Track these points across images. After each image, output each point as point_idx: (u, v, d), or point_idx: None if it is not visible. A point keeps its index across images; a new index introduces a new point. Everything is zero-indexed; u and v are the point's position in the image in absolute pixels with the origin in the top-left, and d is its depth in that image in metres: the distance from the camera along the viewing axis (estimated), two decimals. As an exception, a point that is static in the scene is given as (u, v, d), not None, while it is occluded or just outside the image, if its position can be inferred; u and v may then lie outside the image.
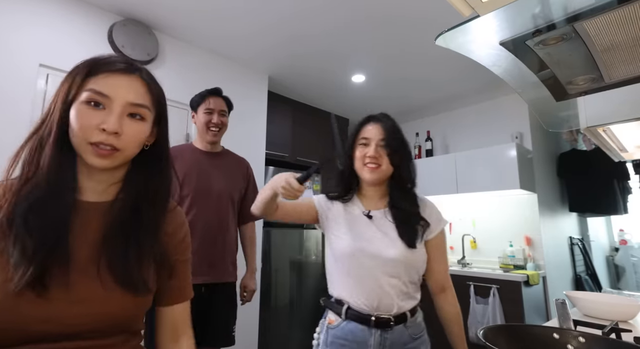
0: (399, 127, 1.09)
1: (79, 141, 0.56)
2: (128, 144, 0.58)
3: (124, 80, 0.58)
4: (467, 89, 3.15)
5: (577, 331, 0.84)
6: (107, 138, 0.55)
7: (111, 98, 0.56)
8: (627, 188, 3.22)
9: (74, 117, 0.56)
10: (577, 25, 0.61)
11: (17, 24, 1.78)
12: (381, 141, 1.04)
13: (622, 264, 3.76)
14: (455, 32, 0.66)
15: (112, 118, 0.56)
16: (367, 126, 1.08)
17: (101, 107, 0.56)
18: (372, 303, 0.95)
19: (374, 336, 0.94)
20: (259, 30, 2.29)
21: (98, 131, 0.55)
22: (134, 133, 0.59)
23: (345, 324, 0.97)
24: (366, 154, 1.03)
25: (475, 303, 2.61)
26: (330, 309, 1.03)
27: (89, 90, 0.56)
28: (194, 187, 1.51)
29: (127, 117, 0.58)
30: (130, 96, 0.58)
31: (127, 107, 0.58)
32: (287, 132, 3.20)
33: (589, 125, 1.07)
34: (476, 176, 2.99)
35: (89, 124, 0.55)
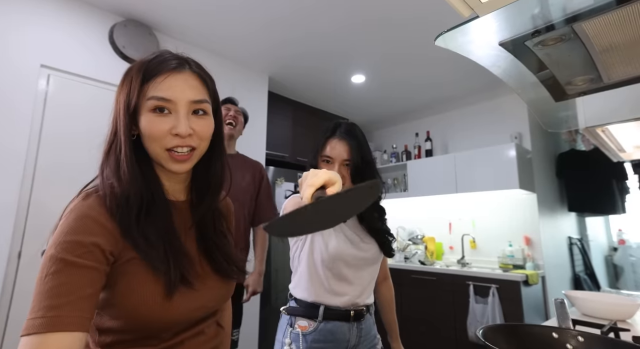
0: (365, 143, 1.06)
1: (155, 149, 0.58)
2: (202, 141, 0.60)
3: (179, 80, 0.59)
4: (466, 90, 3.16)
5: (576, 330, 0.85)
6: (184, 141, 0.58)
7: (174, 101, 0.57)
8: (626, 188, 3.23)
9: (145, 127, 0.57)
10: (576, 26, 0.61)
11: (18, 24, 1.78)
12: (345, 162, 1.01)
13: (620, 263, 3.77)
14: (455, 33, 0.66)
15: (182, 121, 0.57)
16: (332, 140, 1.04)
17: (166, 111, 0.57)
18: (352, 301, 1.00)
19: (351, 329, 0.99)
20: (259, 31, 2.29)
21: (171, 137, 0.57)
22: (204, 129, 0.60)
23: (323, 326, 0.97)
24: None
25: (475, 303, 2.62)
26: (301, 315, 1.00)
27: (151, 98, 0.57)
28: None
29: (192, 115, 0.59)
30: (190, 94, 0.59)
31: (190, 105, 0.59)
32: (287, 132, 3.21)
33: (587, 125, 1.07)
34: (476, 176, 3.00)
35: (161, 131, 0.57)
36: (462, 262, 3.13)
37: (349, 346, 0.99)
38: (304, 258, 1.04)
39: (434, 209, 3.62)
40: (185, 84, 0.59)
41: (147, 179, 0.59)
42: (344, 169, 1.01)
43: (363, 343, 1.02)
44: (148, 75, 0.58)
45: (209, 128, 0.62)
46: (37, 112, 1.80)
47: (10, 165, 1.70)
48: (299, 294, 1.03)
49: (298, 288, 1.04)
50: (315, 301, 0.99)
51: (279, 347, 1.02)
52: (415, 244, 3.43)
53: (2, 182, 1.67)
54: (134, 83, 0.57)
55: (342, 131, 1.05)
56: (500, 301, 2.52)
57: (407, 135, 3.91)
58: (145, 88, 0.57)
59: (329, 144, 1.04)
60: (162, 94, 0.57)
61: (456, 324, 2.70)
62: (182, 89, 0.58)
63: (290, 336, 0.99)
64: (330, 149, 1.03)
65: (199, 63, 0.64)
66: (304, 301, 1.01)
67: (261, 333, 2.51)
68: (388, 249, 1.09)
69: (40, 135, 1.80)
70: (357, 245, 1.03)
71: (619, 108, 0.98)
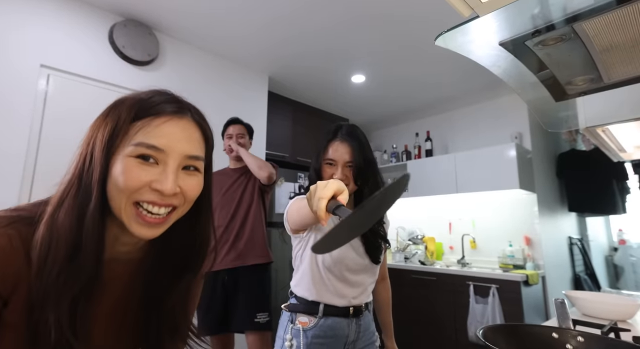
0: (366, 144, 1.06)
1: (121, 202, 0.46)
2: (186, 202, 0.51)
3: (177, 128, 0.49)
4: (466, 89, 3.15)
5: (576, 330, 0.85)
6: (164, 199, 0.48)
7: (166, 152, 0.48)
8: (626, 188, 3.23)
9: (118, 174, 0.46)
10: (576, 26, 0.61)
11: (18, 24, 1.78)
12: (348, 163, 1.02)
13: (621, 263, 3.77)
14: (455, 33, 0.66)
15: (169, 177, 0.47)
16: (334, 143, 1.04)
17: (151, 161, 0.47)
18: (352, 301, 1.04)
19: (350, 325, 1.03)
20: (259, 31, 2.29)
21: (149, 190, 0.47)
22: (192, 188, 0.51)
23: (323, 322, 1.00)
24: (332, 175, 1.02)
25: (475, 303, 2.62)
26: (302, 311, 1.03)
27: (138, 144, 0.46)
28: (220, 197, 1.86)
29: (182, 171, 0.50)
30: (186, 148, 0.50)
31: (183, 160, 0.49)
32: (287, 132, 3.21)
33: (588, 125, 1.07)
34: (476, 176, 2.99)
35: (139, 182, 0.46)
36: (462, 262, 3.13)
37: (348, 341, 1.03)
38: (305, 259, 1.06)
39: (434, 209, 3.62)
40: (182, 134, 0.50)
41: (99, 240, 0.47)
42: (346, 171, 1.02)
43: (362, 339, 1.05)
44: (141, 114, 0.48)
45: (198, 188, 0.52)
46: (36, 113, 1.80)
47: (10, 166, 1.70)
48: (300, 292, 1.05)
49: (299, 286, 1.06)
50: (315, 299, 1.02)
51: (280, 343, 1.03)
52: (415, 244, 3.43)
53: (1, 184, 1.67)
54: (120, 122, 0.47)
55: (343, 133, 1.05)
56: (500, 301, 2.52)
57: (407, 135, 3.90)
58: (133, 127, 0.48)
59: (331, 147, 1.04)
60: (154, 142, 0.47)
61: (456, 325, 2.70)
62: (178, 138, 0.49)
63: (291, 332, 1.01)
64: (333, 151, 1.03)
65: (200, 111, 0.55)
66: (305, 299, 1.03)
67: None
68: (375, 254, 1.07)
69: (40, 136, 1.80)
70: (358, 250, 1.06)
71: (620, 108, 0.98)
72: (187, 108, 0.53)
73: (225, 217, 1.81)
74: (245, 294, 1.73)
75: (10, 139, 1.70)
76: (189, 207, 0.53)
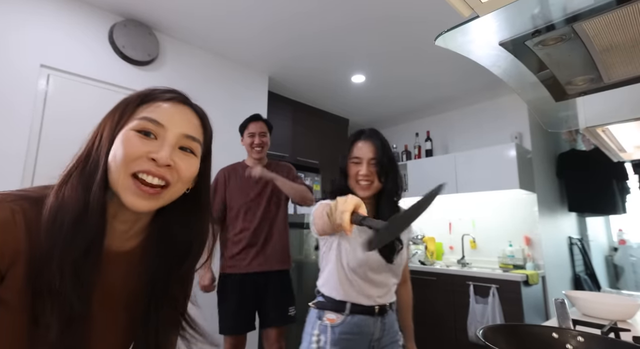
0: (387, 144, 1.16)
1: (120, 173, 0.48)
2: (180, 180, 0.52)
3: (178, 109, 0.54)
4: (466, 89, 3.15)
5: (576, 330, 0.85)
6: (158, 169, 0.49)
7: (165, 127, 0.51)
8: (626, 188, 3.23)
9: (119, 144, 0.49)
10: (576, 26, 0.61)
11: (18, 24, 1.78)
12: (372, 160, 1.11)
13: (621, 263, 3.77)
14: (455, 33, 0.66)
15: (165, 148, 0.50)
16: (358, 143, 1.14)
17: (152, 136, 0.50)
18: (376, 300, 1.08)
19: (376, 323, 1.07)
20: (259, 31, 2.29)
21: (146, 160, 0.49)
22: (186, 167, 0.52)
23: (350, 319, 1.05)
24: (359, 172, 1.10)
25: (475, 303, 2.62)
26: (330, 309, 1.08)
27: (141, 118, 0.50)
28: (245, 199, 1.86)
29: (179, 150, 0.52)
30: (185, 127, 0.53)
31: (180, 138, 0.52)
32: (287, 132, 3.20)
33: (588, 125, 1.07)
34: (476, 176, 2.99)
35: (137, 152, 0.48)
36: (462, 262, 3.13)
37: (373, 338, 1.07)
38: (331, 259, 1.12)
39: (433, 209, 3.61)
40: (182, 116, 0.54)
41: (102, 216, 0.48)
42: (371, 167, 1.10)
43: (386, 337, 1.10)
44: (146, 99, 0.53)
45: (192, 169, 0.54)
46: (36, 113, 1.80)
47: (10, 166, 1.70)
48: (327, 291, 1.10)
49: (326, 286, 1.11)
50: (342, 299, 1.07)
51: (308, 339, 1.08)
52: (415, 244, 3.43)
53: (1, 184, 1.67)
54: (129, 106, 0.52)
55: (366, 134, 1.16)
56: (500, 301, 2.52)
57: (407, 135, 3.90)
58: (138, 109, 0.52)
59: (355, 146, 1.14)
60: (154, 116, 0.50)
61: (456, 325, 2.70)
62: (178, 118, 0.53)
63: (319, 328, 1.06)
64: (357, 150, 1.13)
65: (204, 111, 0.59)
66: (332, 298, 1.08)
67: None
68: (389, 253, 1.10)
69: (40, 136, 1.80)
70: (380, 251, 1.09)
71: (620, 108, 0.98)
72: (191, 102, 0.57)
73: (251, 221, 1.83)
74: (276, 293, 1.82)
75: (10, 139, 1.70)
76: (182, 188, 0.54)
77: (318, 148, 3.38)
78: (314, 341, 1.04)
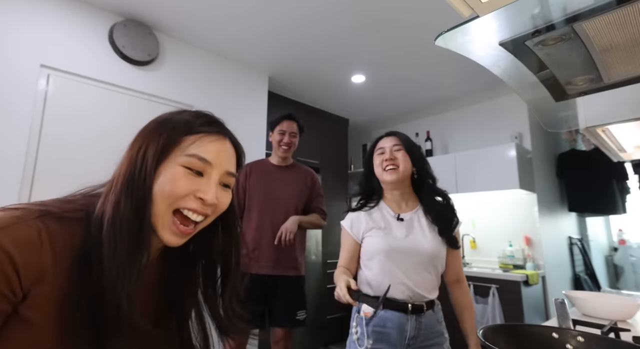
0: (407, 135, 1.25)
1: (163, 207, 0.50)
2: (216, 212, 0.55)
3: (223, 146, 0.56)
4: (466, 89, 3.15)
5: (576, 330, 0.85)
6: (204, 208, 0.52)
7: (213, 166, 0.53)
8: (626, 188, 3.23)
9: (168, 179, 0.50)
10: (576, 26, 0.61)
11: (18, 24, 1.78)
12: (395, 146, 1.19)
13: (621, 263, 3.76)
14: (455, 33, 0.66)
15: (212, 188, 0.53)
16: (382, 140, 1.24)
17: (198, 172, 0.53)
18: (407, 296, 1.09)
19: (410, 321, 1.08)
20: (259, 32, 2.29)
21: (193, 198, 0.51)
22: (224, 202, 0.56)
23: (383, 314, 1.08)
24: (383, 160, 1.17)
25: (475, 303, 2.61)
26: (366, 302, 1.11)
27: (192, 155, 0.52)
28: (264, 195, 1.84)
29: (220, 186, 0.55)
30: (228, 165, 0.56)
31: (223, 176, 0.55)
32: (287, 132, 3.20)
33: (588, 125, 1.07)
34: (476, 176, 2.99)
35: (185, 189, 0.51)
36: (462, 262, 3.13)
37: (407, 336, 1.07)
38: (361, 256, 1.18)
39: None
40: (226, 152, 0.56)
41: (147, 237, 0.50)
42: (394, 153, 1.18)
43: (422, 336, 1.09)
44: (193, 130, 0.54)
45: (228, 202, 0.58)
46: (36, 113, 1.80)
47: (9, 166, 1.70)
48: (363, 288, 1.15)
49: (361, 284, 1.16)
50: (375, 295, 1.11)
51: (350, 330, 1.14)
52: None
53: (1, 184, 1.67)
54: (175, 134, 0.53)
55: (387, 133, 1.26)
56: (500, 301, 2.52)
57: (407, 135, 3.89)
58: (185, 140, 0.53)
59: (378, 143, 1.24)
60: (206, 156, 0.52)
61: (456, 325, 2.70)
62: (223, 156, 0.55)
63: (357, 320, 1.12)
64: (381, 144, 1.23)
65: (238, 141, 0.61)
66: (367, 295, 1.13)
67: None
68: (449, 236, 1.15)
69: (40, 136, 1.80)
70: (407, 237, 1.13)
71: (620, 108, 0.98)
72: (228, 130, 0.59)
73: (267, 221, 1.79)
74: (286, 296, 1.78)
75: (10, 139, 1.70)
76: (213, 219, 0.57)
77: (318, 148, 3.38)
78: (353, 333, 1.11)
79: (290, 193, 1.87)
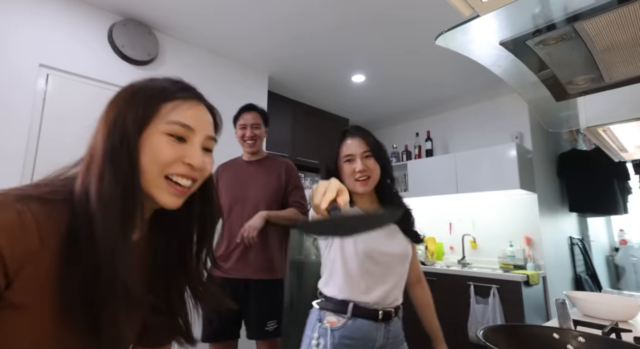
0: (373, 135, 1.14)
1: (153, 174, 0.51)
2: (203, 176, 0.57)
3: (202, 112, 0.57)
4: (467, 89, 3.15)
5: (577, 331, 0.84)
6: (192, 172, 0.54)
7: (195, 131, 0.54)
8: (627, 188, 3.22)
9: (153, 148, 0.51)
10: (577, 25, 0.61)
11: (17, 24, 1.78)
12: (364, 154, 1.08)
13: (622, 264, 3.76)
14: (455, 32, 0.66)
15: (197, 153, 0.54)
16: (346, 141, 1.11)
17: (181, 139, 0.54)
18: (381, 299, 1.01)
19: (379, 329, 1.00)
20: (259, 31, 2.29)
21: (181, 164, 0.53)
22: (209, 165, 0.58)
23: (351, 323, 0.99)
24: (355, 169, 1.07)
25: (475, 303, 2.61)
26: (332, 310, 1.03)
27: (174, 122, 0.52)
28: (232, 194, 1.72)
29: (203, 150, 0.56)
30: (208, 129, 0.57)
31: (205, 140, 0.56)
32: (287, 132, 3.20)
33: (589, 125, 1.07)
34: (476, 176, 2.99)
35: (173, 156, 0.52)
36: (462, 262, 3.13)
37: (375, 346, 1.01)
38: (332, 256, 1.08)
39: (434, 209, 3.61)
40: (206, 118, 0.57)
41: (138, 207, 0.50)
42: (365, 161, 1.07)
43: (390, 345, 1.03)
44: (171, 96, 0.54)
45: (212, 166, 0.59)
46: (36, 112, 1.80)
47: (9, 165, 1.70)
48: (329, 292, 1.05)
49: (328, 285, 1.06)
50: (345, 298, 1.01)
51: (307, 342, 1.03)
52: (415, 244, 3.42)
53: (0, 182, 1.67)
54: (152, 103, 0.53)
55: (351, 132, 1.13)
56: (501, 301, 2.51)
57: (408, 135, 3.90)
58: (164, 107, 0.53)
59: (344, 145, 1.11)
60: (188, 122, 0.53)
61: (456, 325, 2.70)
62: (204, 121, 0.56)
63: (319, 331, 1.01)
64: (347, 148, 1.10)
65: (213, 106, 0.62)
66: (334, 298, 1.03)
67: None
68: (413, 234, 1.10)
69: (39, 135, 1.80)
70: (384, 241, 1.06)
71: (621, 108, 0.98)
72: (202, 95, 0.59)
73: (236, 221, 1.66)
74: (257, 304, 1.63)
75: (10, 139, 1.70)
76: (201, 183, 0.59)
77: (318, 148, 3.38)
78: (314, 345, 1.00)
79: (259, 188, 1.71)
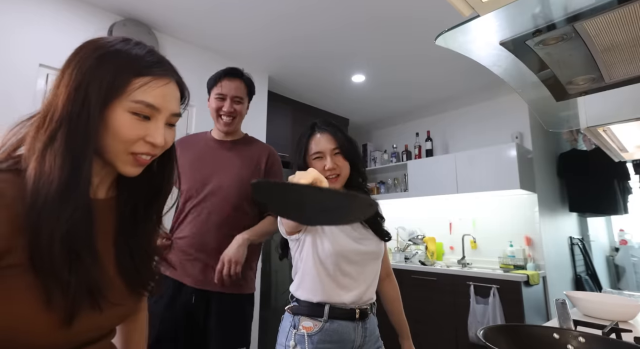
0: (342, 129, 1.10)
1: (118, 149, 0.52)
2: (164, 149, 0.58)
3: (170, 89, 0.56)
4: (467, 89, 3.15)
5: (577, 331, 0.84)
6: (154, 150, 0.55)
7: (160, 110, 0.54)
8: (627, 188, 3.22)
9: (117, 126, 0.51)
10: (577, 25, 0.61)
11: (17, 24, 1.78)
12: (334, 151, 1.05)
13: (622, 264, 3.76)
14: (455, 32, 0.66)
15: (159, 132, 0.55)
16: (315, 137, 1.07)
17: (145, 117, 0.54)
18: (357, 298, 0.99)
19: (357, 329, 0.98)
20: (259, 31, 2.29)
21: (143, 143, 0.54)
22: (170, 141, 0.59)
23: (328, 325, 0.95)
24: (325, 167, 1.03)
25: (476, 303, 2.61)
26: (306, 315, 0.97)
27: (139, 101, 0.52)
28: (194, 181, 1.29)
29: (165, 126, 0.57)
30: (174, 106, 0.57)
31: (169, 118, 0.57)
32: (287, 132, 3.20)
33: (589, 125, 1.07)
34: (476, 176, 2.99)
35: (136, 136, 0.53)
36: (462, 262, 3.13)
37: (354, 346, 0.98)
38: (304, 258, 1.02)
39: (434, 209, 3.62)
40: (173, 95, 0.57)
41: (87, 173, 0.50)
42: (335, 159, 1.04)
43: (368, 344, 1.01)
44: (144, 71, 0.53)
45: (173, 139, 0.61)
46: (37, 112, 1.80)
47: (10, 165, 1.70)
48: (303, 295, 1.00)
49: (301, 288, 1.01)
50: (320, 300, 0.97)
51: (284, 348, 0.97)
52: (415, 244, 3.43)
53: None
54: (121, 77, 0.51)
55: (319, 126, 1.09)
56: (501, 301, 2.51)
57: (408, 135, 3.90)
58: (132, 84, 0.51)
59: (312, 141, 1.07)
60: (154, 102, 0.53)
61: (456, 325, 2.70)
62: (170, 99, 0.56)
63: (295, 338, 0.95)
64: (316, 144, 1.06)
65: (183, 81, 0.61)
66: (309, 301, 0.98)
67: (261, 332, 2.51)
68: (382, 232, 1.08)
69: (40, 135, 1.80)
70: (357, 240, 1.03)
71: (621, 108, 0.98)
72: (174, 70, 0.59)
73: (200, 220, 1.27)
74: (221, 321, 1.22)
75: (10, 139, 1.70)
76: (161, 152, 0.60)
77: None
78: None
79: (229, 176, 1.30)
